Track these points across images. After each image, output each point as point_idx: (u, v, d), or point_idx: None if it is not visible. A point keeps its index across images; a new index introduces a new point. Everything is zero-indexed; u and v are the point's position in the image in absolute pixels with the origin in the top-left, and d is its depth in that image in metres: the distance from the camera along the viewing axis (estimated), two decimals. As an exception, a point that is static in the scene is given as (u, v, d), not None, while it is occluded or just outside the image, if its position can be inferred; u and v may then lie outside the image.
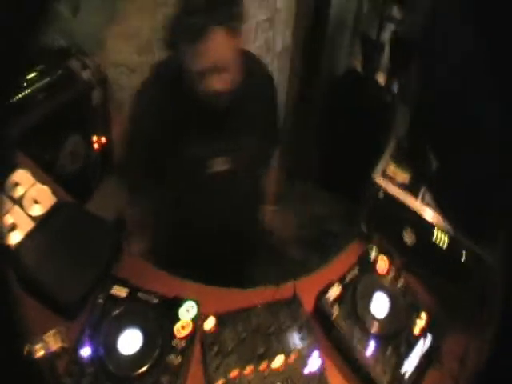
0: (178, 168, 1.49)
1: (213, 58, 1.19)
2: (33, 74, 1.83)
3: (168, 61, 1.40)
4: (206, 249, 1.57)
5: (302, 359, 1.22)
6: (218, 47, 1.18)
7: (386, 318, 1.28)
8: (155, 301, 1.29)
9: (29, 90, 1.82)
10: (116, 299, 1.28)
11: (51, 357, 1.16)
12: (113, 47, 2.02)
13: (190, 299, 1.29)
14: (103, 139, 2.08)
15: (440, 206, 1.37)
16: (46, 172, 1.60)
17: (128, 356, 1.18)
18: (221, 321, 1.27)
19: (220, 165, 1.45)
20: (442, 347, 1.30)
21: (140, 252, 1.57)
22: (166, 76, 1.40)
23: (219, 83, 1.24)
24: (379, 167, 1.45)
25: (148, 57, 2.01)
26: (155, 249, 1.64)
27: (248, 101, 1.43)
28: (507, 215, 1.22)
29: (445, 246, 1.35)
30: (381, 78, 2.02)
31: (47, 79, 1.86)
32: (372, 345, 1.22)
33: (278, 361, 1.21)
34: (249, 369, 1.19)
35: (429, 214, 1.36)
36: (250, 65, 1.43)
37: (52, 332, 1.20)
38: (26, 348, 1.13)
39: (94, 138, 2.06)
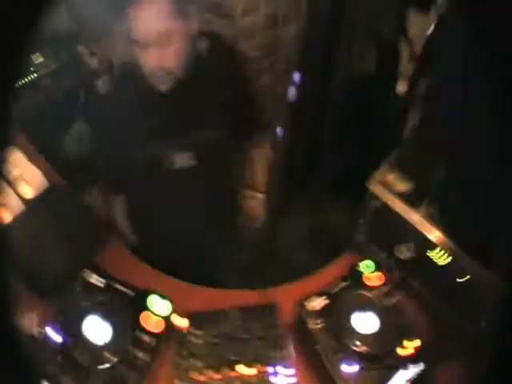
0: (142, 165, 1.47)
1: (150, 29, 1.19)
2: (40, 59, 1.85)
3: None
4: (182, 246, 1.54)
5: (275, 373, 1.18)
6: (156, 18, 1.18)
7: (371, 336, 1.20)
8: (131, 294, 1.28)
9: (35, 75, 1.85)
10: (92, 288, 1.28)
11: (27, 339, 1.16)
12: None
13: (165, 297, 1.27)
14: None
15: (443, 222, 1.31)
16: (49, 157, 1.63)
17: (96, 347, 1.17)
18: (194, 321, 1.25)
19: (182, 161, 1.42)
20: (435, 375, 1.22)
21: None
22: (127, 73, 1.40)
23: (157, 59, 1.23)
24: (378, 175, 1.39)
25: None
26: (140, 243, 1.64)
27: (209, 93, 1.39)
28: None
29: (444, 264, 1.28)
30: (397, 84, 1.97)
31: (54, 65, 1.89)
32: (353, 364, 1.16)
33: (249, 370, 1.17)
34: (218, 374, 1.16)
35: (429, 229, 1.29)
36: (214, 53, 1.40)
37: (32, 315, 1.21)
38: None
39: (100, 126, 2.09)
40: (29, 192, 1.46)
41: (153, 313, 1.24)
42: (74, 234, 1.42)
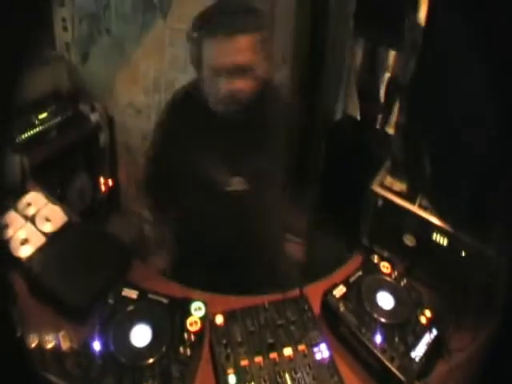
0: (195, 186, 1.61)
1: (233, 59, 1.33)
2: (44, 114, 2.09)
3: (191, 84, 1.56)
4: (220, 265, 1.70)
5: (311, 349, 1.33)
6: (241, 50, 1.32)
7: (391, 310, 1.40)
8: (165, 301, 1.41)
9: (40, 128, 2.07)
10: (126, 299, 1.40)
11: (61, 353, 1.26)
12: (120, 89, 2.29)
13: (198, 300, 1.41)
14: (110, 180, 2.29)
15: (437, 209, 1.57)
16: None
17: (138, 348, 1.29)
18: (229, 317, 1.39)
19: (236, 184, 1.57)
20: (449, 340, 1.41)
21: (160, 267, 1.74)
22: (186, 96, 1.58)
23: (231, 85, 1.37)
24: (376, 179, 1.65)
25: (155, 97, 2.25)
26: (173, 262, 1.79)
27: (267, 125, 1.54)
28: (503, 208, 1.41)
29: (445, 244, 1.52)
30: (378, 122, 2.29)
31: (58, 119, 2.13)
32: (379, 334, 1.34)
33: (288, 351, 1.32)
34: (259, 358, 1.29)
35: (427, 216, 1.54)
36: (271, 91, 1.59)
37: (62, 333, 1.30)
38: (36, 340, 1.25)
39: (101, 179, 2.27)
40: (49, 227, 1.61)
41: (189, 314, 1.37)
42: (99, 259, 1.56)
